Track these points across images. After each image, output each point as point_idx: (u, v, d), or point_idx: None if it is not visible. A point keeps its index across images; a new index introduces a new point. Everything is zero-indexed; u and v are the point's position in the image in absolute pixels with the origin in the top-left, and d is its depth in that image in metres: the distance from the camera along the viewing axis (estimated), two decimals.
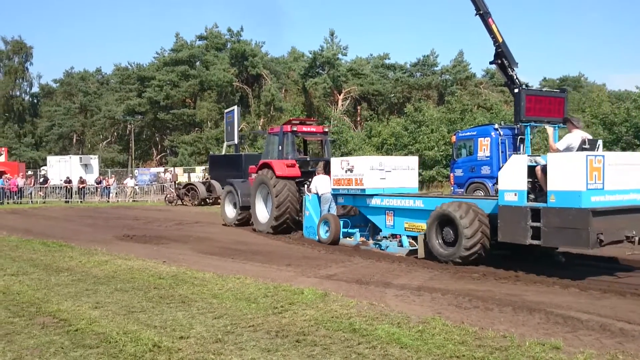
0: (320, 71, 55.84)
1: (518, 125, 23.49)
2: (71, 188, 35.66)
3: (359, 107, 59.37)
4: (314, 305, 7.12)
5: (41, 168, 48.23)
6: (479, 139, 23.37)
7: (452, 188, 23.27)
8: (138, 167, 54.12)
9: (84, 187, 36.16)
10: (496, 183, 22.40)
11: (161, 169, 47.54)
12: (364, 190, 12.84)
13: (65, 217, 23.68)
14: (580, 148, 9.47)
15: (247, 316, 6.65)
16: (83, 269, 10.00)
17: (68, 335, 5.95)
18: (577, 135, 9.68)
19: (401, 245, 12.05)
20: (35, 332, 6.10)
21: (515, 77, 23.01)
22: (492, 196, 10.30)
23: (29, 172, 44.45)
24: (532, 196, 9.64)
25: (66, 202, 34.45)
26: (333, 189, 13.88)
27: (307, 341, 5.68)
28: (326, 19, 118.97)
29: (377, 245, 12.57)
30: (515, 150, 22.64)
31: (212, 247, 13.13)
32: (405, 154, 41.89)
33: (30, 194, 34.85)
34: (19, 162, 47.17)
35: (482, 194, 22.58)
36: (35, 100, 70.83)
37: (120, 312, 6.90)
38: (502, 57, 22.66)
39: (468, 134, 24.70)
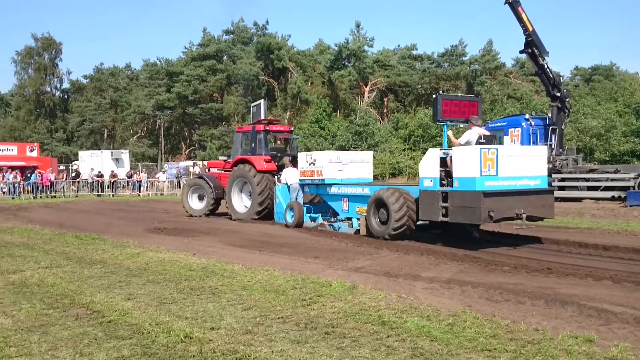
0: (346, 63, 55.64)
1: (549, 115, 23.16)
2: (103, 182, 36.27)
3: (385, 99, 59.05)
4: (343, 297, 7.11)
5: (73, 163, 49.14)
6: (510, 130, 23.09)
7: None
8: (168, 161, 54.77)
9: (115, 181, 36.75)
10: None
11: (190, 162, 48.02)
12: (323, 180, 14.89)
13: (97, 211, 24.07)
14: (477, 142, 11.46)
15: (276, 308, 6.67)
16: (115, 262, 10.15)
17: (101, 327, 6.04)
18: (475, 132, 11.80)
19: (351, 226, 14.11)
20: (69, 323, 6.21)
21: (546, 66, 22.70)
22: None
23: (61, 167, 45.32)
24: (444, 182, 11.64)
25: (98, 196, 35.06)
26: (300, 180, 15.85)
27: (336, 333, 5.68)
28: (352, 10, 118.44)
29: (331, 227, 14.79)
30: (547, 140, 22.32)
31: (240, 240, 13.22)
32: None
33: (63, 188, 35.53)
34: (51, 157, 48.15)
35: None
36: (66, 96, 72.04)
37: (152, 303, 6.99)
38: (533, 46, 22.35)
39: (498, 124, 24.42)
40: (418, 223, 12.48)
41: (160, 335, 5.65)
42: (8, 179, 33.76)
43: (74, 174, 39.35)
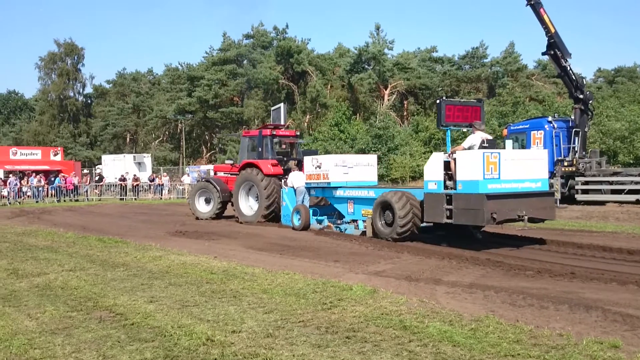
0: (366, 66, 55.56)
1: (572, 117, 22.89)
2: (125, 186, 36.66)
3: (405, 102, 58.81)
4: (363, 301, 7.09)
5: (96, 167, 49.73)
6: (532, 132, 22.86)
7: None
8: (189, 164, 55.15)
9: (137, 185, 37.12)
10: (550, 177, 21.91)
11: (211, 166, 48.29)
12: (329, 183, 15.22)
13: (120, 214, 24.34)
14: (480, 146, 11.77)
15: (297, 311, 6.68)
16: (138, 264, 10.25)
17: (124, 329, 6.10)
18: (478, 136, 12.10)
19: (357, 228, 14.45)
20: (92, 326, 6.27)
21: (568, 68, 22.44)
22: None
23: (85, 171, 45.89)
24: (449, 184, 11.93)
25: (121, 199, 35.44)
26: (306, 183, 16.16)
27: (357, 337, 5.66)
28: (372, 13, 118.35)
29: (337, 228, 15.14)
30: (570, 143, 22.05)
31: (261, 243, 13.26)
32: None
33: (86, 191, 35.97)
34: (74, 161, 48.79)
35: None
36: (89, 101, 72.94)
37: (175, 306, 7.04)
38: (555, 47, 22.12)
39: (520, 127, 24.20)
40: (422, 225, 12.87)
41: (182, 338, 5.69)
42: (32, 183, 34.26)
43: (97, 178, 39.84)
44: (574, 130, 22.25)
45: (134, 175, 38.66)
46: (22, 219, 21.83)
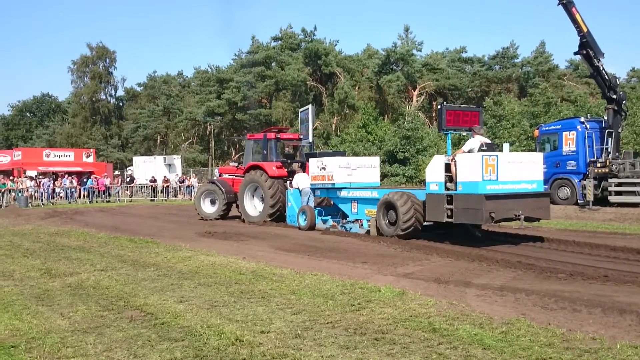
0: (395, 67, 55.27)
1: (605, 118, 22.44)
2: (156, 187, 37.13)
3: (434, 103, 58.30)
4: (392, 303, 7.06)
5: (127, 168, 50.46)
6: (564, 133, 22.49)
7: None
8: (217, 166, 55.59)
9: (167, 186, 37.57)
10: (583, 179, 21.49)
11: None
12: (334, 184, 15.76)
13: (150, 215, 24.65)
14: (479, 150, 12.37)
15: (325, 312, 6.67)
16: (168, 265, 10.37)
17: (155, 329, 6.17)
18: (477, 140, 12.67)
19: (362, 227, 14.98)
20: (123, 325, 6.37)
21: (601, 68, 22.00)
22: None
23: (116, 172, 46.64)
24: (450, 185, 12.48)
25: (151, 200, 35.88)
26: (311, 184, 16.71)
27: (385, 339, 5.63)
28: (400, 14, 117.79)
29: (343, 228, 15.63)
30: (603, 144, 21.62)
31: (289, 244, 13.29)
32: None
33: (118, 192, 36.53)
34: (106, 163, 49.64)
35: (568, 190, 21.65)
36: (121, 104, 74.08)
37: (204, 306, 7.10)
38: (587, 47, 21.70)
39: (552, 127, 23.83)
40: (424, 224, 13.46)
41: (211, 338, 5.73)
42: (65, 184, 34.92)
43: (128, 179, 40.43)
44: (606, 131, 21.81)
45: (164, 176, 39.13)
46: (55, 219, 22.27)
